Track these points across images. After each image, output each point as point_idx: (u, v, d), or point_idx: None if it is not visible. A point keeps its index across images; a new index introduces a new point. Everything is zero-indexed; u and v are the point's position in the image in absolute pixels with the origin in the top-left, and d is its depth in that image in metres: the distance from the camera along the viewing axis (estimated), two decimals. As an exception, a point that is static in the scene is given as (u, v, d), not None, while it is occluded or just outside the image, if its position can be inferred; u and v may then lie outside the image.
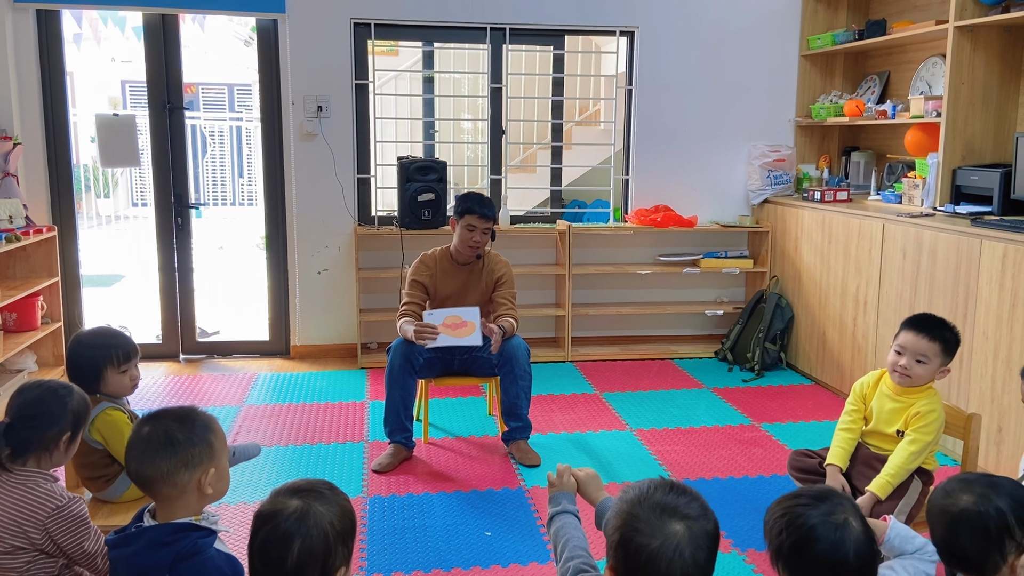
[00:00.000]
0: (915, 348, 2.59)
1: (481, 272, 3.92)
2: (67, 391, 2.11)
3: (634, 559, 1.39)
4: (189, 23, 8.50)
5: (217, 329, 5.71)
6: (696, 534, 1.41)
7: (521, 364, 3.74)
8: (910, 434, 2.59)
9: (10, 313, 4.64)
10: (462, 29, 5.40)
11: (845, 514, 1.50)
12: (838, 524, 1.48)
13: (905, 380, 2.62)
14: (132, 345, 2.62)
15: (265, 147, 5.37)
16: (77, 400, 2.12)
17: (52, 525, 1.93)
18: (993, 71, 4.25)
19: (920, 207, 4.47)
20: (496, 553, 3.00)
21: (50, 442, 2.04)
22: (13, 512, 1.94)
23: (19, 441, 2.01)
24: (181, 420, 1.79)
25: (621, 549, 1.42)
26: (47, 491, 1.97)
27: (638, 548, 1.38)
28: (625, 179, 5.70)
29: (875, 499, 2.53)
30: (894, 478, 2.55)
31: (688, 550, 1.39)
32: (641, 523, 1.40)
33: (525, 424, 3.82)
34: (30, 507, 1.94)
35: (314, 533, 1.49)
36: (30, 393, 2.08)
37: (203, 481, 1.76)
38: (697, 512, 1.44)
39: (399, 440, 3.75)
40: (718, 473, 3.71)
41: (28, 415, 2.03)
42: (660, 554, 1.37)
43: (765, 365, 5.20)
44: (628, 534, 1.40)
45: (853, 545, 1.47)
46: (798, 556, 1.50)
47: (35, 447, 2.03)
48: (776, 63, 5.60)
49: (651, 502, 1.43)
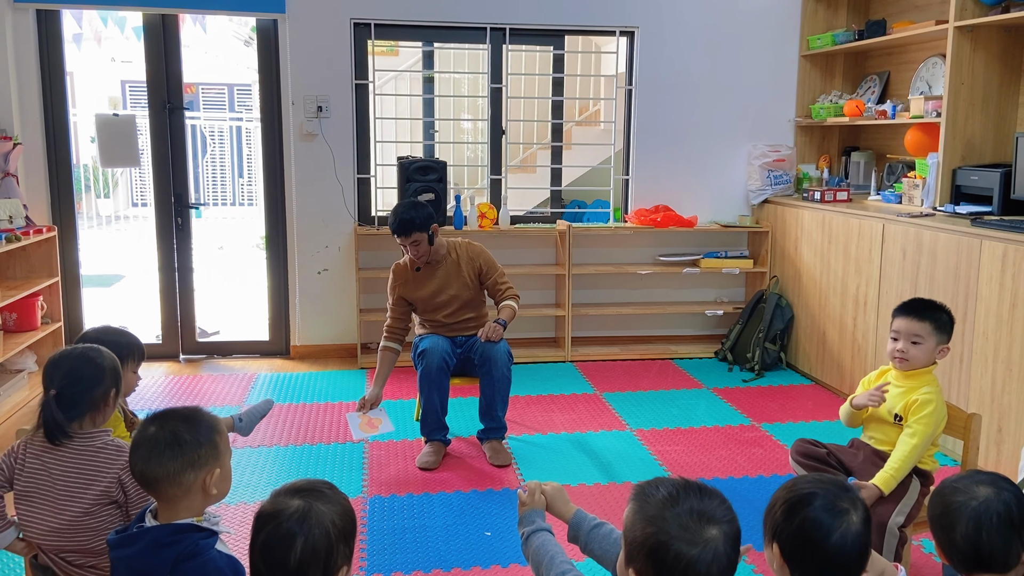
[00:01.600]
0: (908, 330, 2.66)
1: (458, 265, 3.89)
2: (97, 352, 2.19)
3: (672, 566, 1.39)
4: (189, 23, 8.49)
5: (217, 329, 5.71)
6: (730, 536, 1.43)
7: (500, 368, 3.77)
8: (910, 426, 2.60)
9: (10, 313, 4.64)
10: (462, 29, 5.40)
11: (851, 506, 1.52)
12: (839, 509, 1.50)
13: (904, 364, 2.68)
14: (142, 346, 2.63)
15: (265, 147, 5.37)
16: (108, 357, 2.20)
17: (125, 475, 2.04)
18: (993, 71, 4.25)
19: (920, 207, 4.47)
20: (496, 553, 3.00)
21: (99, 400, 2.14)
22: (91, 471, 2.06)
23: (72, 406, 2.09)
24: (187, 421, 1.79)
25: (654, 556, 1.40)
26: (116, 446, 2.10)
27: (677, 555, 1.38)
28: (625, 179, 5.71)
29: (878, 492, 2.53)
30: (898, 472, 2.55)
31: (725, 553, 1.41)
32: (678, 530, 1.40)
33: (499, 425, 3.87)
34: (104, 463, 2.07)
35: (316, 532, 1.49)
36: (66, 362, 2.15)
37: (208, 482, 1.76)
38: (727, 514, 1.45)
39: (438, 438, 3.84)
40: (718, 473, 3.71)
41: (73, 380, 2.11)
42: (700, 560, 1.38)
43: (765, 365, 5.20)
44: (663, 541, 1.40)
45: (840, 533, 1.49)
46: (789, 516, 1.52)
47: (88, 408, 2.12)
48: (776, 63, 5.61)
49: (685, 508, 1.43)
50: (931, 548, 2.98)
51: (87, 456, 2.08)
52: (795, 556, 1.52)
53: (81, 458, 2.08)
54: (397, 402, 4.61)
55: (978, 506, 1.57)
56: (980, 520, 1.56)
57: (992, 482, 1.60)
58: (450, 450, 3.92)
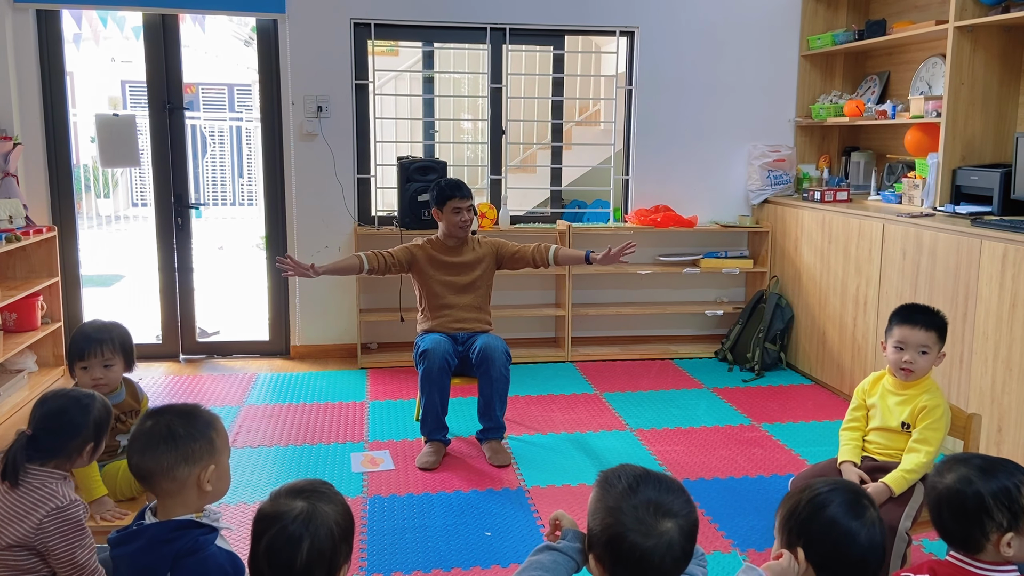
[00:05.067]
0: (916, 341, 2.59)
1: (481, 250, 4.01)
2: (90, 399, 2.10)
3: (627, 556, 1.42)
4: (189, 23, 8.49)
5: (217, 329, 5.71)
6: (685, 530, 1.45)
7: (498, 367, 3.78)
8: (922, 433, 2.57)
9: (10, 313, 4.64)
10: (462, 29, 5.40)
11: (871, 509, 1.57)
12: (861, 515, 1.55)
13: (910, 375, 2.62)
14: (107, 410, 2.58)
15: (265, 147, 5.37)
16: (99, 408, 2.11)
17: (48, 524, 1.90)
18: (993, 71, 4.25)
19: (920, 207, 4.47)
20: (496, 553, 3.00)
21: (73, 451, 2.04)
22: (16, 509, 1.93)
23: (42, 451, 2.00)
24: (184, 415, 1.80)
25: (611, 546, 1.44)
26: (51, 490, 1.96)
27: (632, 546, 1.42)
28: (625, 179, 5.71)
29: (889, 492, 2.52)
30: (911, 474, 2.53)
31: (679, 545, 1.43)
32: (633, 521, 1.43)
33: (498, 425, 3.87)
34: (31, 504, 1.93)
35: (322, 533, 1.49)
36: (53, 403, 2.07)
37: (203, 477, 1.76)
38: (685, 507, 1.47)
39: (438, 438, 3.84)
40: (718, 473, 3.71)
41: (51, 426, 2.02)
42: (653, 552, 1.41)
43: (765, 365, 5.20)
44: (620, 532, 1.43)
45: (867, 538, 1.53)
46: (812, 518, 1.56)
47: (58, 455, 2.02)
48: (776, 63, 5.61)
49: (641, 499, 1.45)
50: (931, 548, 2.98)
51: (21, 493, 1.95)
52: (825, 558, 1.55)
53: (17, 494, 1.95)
54: (397, 402, 4.61)
55: (941, 491, 1.69)
56: (939, 504, 1.69)
57: (967, 473, 1.68)
58: (450, 450, 3.92)
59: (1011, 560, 1.63)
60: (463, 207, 3.88)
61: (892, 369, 2.67)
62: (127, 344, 2.70)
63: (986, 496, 1.62)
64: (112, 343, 2.63)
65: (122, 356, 2.67)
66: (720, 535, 3.13)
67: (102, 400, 2.15)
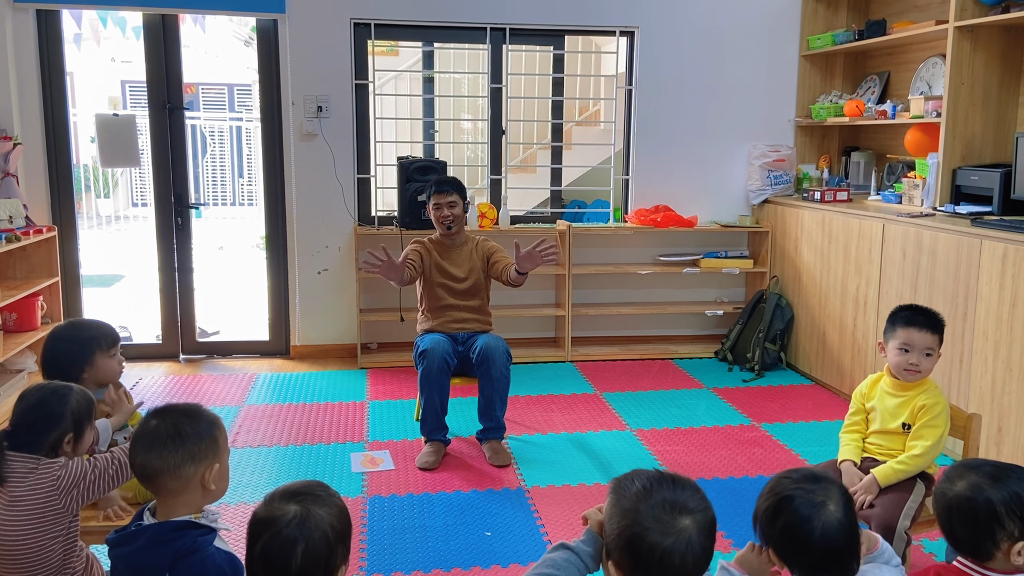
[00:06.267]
0: (921, 343, 2.59)
1: (473, 250, 4.02)
2: (67, 390, 2.09)
3: (647, 557, 1.42)
4: (189, 23, 8.50)
5: (217, 329, 5.71)
6: (703, 526, 1.45)
7: (498, 366, 3.78)
8: (919, 430, 2.57)
9: (10, 313, 4.64)
10: (462, 29, 5.40)
11: (826, 496, 1.58)
12: (815, 503, 1.57)
13: (916, 376, 2.61)
14: (114, 330, 2.56)
15: (265, 147, 5.37)
16: (78, 399, 2.10)
17: (63, 489, 1.99)
18: (993, 71, 4.25)
19: (920, 207, 4.47)
20: (496, 553, 3.00)
21: (54, 444, 2.04)
22: (16, 503, 1.95)
23: (22, 445, 2.01)
24: (189, 415, 1.80)
25: (630, 548, 1.43)
26: (42, 467, 2.00)
27: (651, 547, 1.41)
28: (625, 179, 5.70)
29: (876, 484, 2.53)
30: (902, 465, 2.54)
31: (698, 542, 1.44)
32: (651, 521, 1.43)
33: (498, 425, 3.87)
34: (43, 485, 1.98)
35: (316, 536, 1.49)
36: (31, 396, 2.07)
37: (207, 477, 1.76)
38: (701, 504, 1.48)
39: (438, 438, 3.84)
40: (718, 473, 3.71)
41: (29, 420, 2.03)
42: (673, 550, 1.41)
43: (765, 365, 5.20)
44: (638, 532, 1.43)
45: (822, 525, 1.55)
46: (772, 522, 1.61)
47: (39, 449, 2.02)
48: (776, 63, 5.61)
49: (658, 499, 1.45)
50: (931, 548, 2.98)
51: (11, 484, 1.97)
52: (788, 556, 1.61)
53: (6, 488, 1.97)
54: (397, 402, 4.61)
55: (951, 499, 1.68)
56: (949, 512, 1.67)
57: (978, 480, 1.66)
58: (450, 450, 3.92)
59: (1021, 569, 1.62)
60: (443, 202, 3.90)
61: (895, 371, 2.65)
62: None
63: (997, 504, 1.61)
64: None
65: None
66: (720, 535, 3.13)
67: (80, 390, 2.13)
